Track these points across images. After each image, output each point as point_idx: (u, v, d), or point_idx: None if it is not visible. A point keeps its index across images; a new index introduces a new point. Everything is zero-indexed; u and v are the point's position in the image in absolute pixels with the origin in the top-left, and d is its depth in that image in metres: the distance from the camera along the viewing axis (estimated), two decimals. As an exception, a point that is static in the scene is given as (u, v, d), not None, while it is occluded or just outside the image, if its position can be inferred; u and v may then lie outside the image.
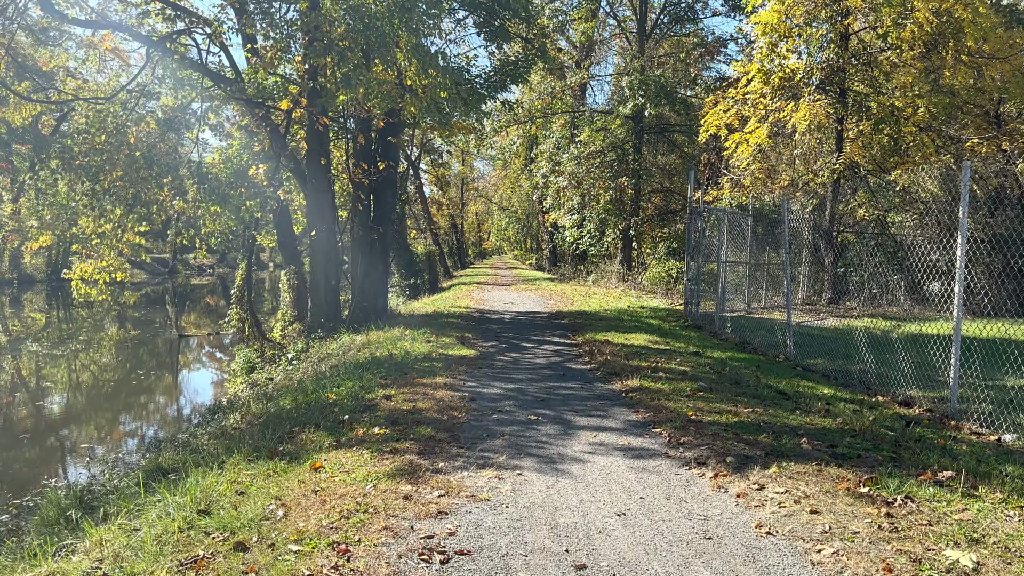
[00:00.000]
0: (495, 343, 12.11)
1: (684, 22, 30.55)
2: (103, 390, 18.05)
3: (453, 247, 67.08)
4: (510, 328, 14.47)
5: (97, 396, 17.25)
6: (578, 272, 37.30)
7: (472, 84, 16.29)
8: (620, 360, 10.00)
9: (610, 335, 12.85)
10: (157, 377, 19.49)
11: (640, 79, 25.97)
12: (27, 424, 13.85)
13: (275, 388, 11.13)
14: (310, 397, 7.92)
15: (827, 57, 20.02)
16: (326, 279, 15.39)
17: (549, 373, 9.23)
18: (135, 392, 17.45)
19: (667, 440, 5.96)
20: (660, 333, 13.48)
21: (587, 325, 14.64)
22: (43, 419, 14.39)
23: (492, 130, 30.01)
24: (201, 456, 6.80)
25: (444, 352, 10.70)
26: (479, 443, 5.86)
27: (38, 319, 35.87)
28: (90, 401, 16.81)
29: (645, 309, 18.90)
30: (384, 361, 10.09)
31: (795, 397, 7.97)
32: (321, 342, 14.43)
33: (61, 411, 15.53)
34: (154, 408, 16.31)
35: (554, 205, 34.22)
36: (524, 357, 10.63)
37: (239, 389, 14.71)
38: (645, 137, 30.02)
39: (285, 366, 14.46)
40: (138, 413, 15.60)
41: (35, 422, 14.10)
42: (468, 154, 69.11)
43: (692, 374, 9.01)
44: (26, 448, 11.80)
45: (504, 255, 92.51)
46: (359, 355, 11.31)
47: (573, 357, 10.69)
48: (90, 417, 15.43)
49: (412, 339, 12.37)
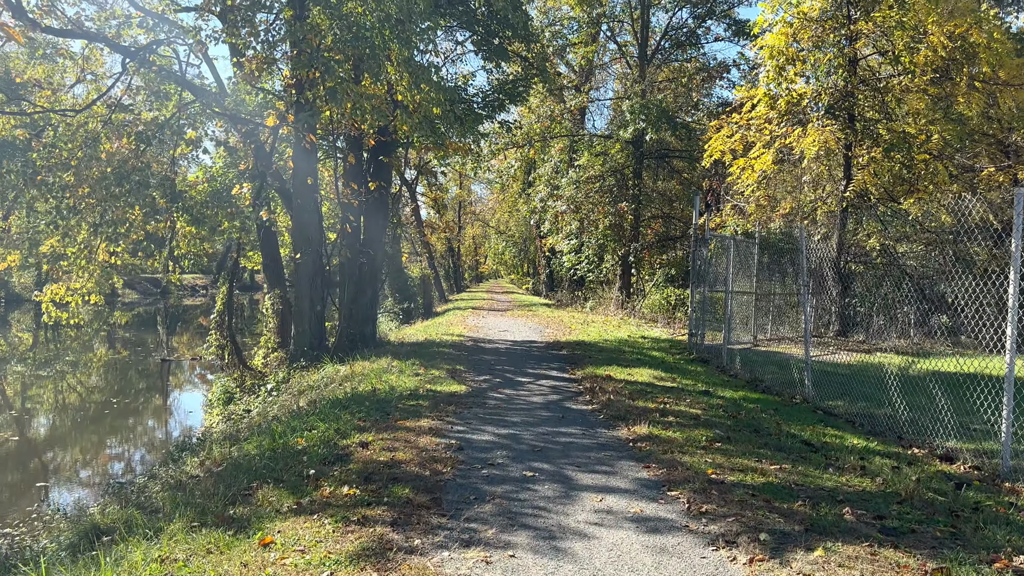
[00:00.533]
0: (488, 377, 11.23)
1: (686, 47, 30.12)
2: (76, 419, 17.07)
3: (449, 270, 66.36)
4: (505, 359, 13.59)
5: (69, 425, 16.27)
6: (575, 298, 36.48)
7: (469, 104, 15.60)
8: (624, 400, 9.13)
9: (612, 369, 11.98)
10: (134, 405, 18.51)
11: (641, 103, 25.40)
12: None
13: (246, 426, 10.22)
14: (277, 442, 7.03)
15: (834, 82, 19.43)
16: (311, 304, 14.53)
17: (547, 415, 8.35)
18: (109, 423, 16.47)
19: (686, 507, 5.08)
20: (665, 368, 12.61)
21: (587, 357, 13.78)
22: (6, 449, 13.42)
23: (490, 152, 29.33)
24: (146, 512, 5.92)
25: (432, 388, 9.82)
26: (465, 509, 4.98)
27: (25, 339, 34.93)
28: (61, 430, 15.83)
29: (647, 339, 18.05)
30: (366, 398, 9.20)
31: (823, 449, 7.10)
32: (303, 372, 13.54)
33: (29, 440, 14.56)
34: (125, 441, 15.33)
35: (552, 230, 33.52)
36: (519, 395, 9.75)
37: (214, 421, 13.79)
38: (645, 162, 29.42)
39: (264, 397, 13.55)
40: (106, 447, 14.62)
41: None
42: (466, 177, 68.81)
43: (705, 419, 8.14)
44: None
45: (501, 279, 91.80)
46: (340, 389, 10.42)
47: (573, 395, 9.81)
48: (57, 449, 14.45)
49: (399, 371, 11.48)
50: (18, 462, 12.95)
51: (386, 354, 13.82)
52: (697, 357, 14.48)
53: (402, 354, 13.76)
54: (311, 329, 14.57)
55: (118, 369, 25.35)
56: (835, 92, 19.12)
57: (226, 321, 15.40)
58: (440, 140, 15.57)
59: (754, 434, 7.58)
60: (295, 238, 14.28)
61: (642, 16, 29.11)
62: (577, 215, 29.00)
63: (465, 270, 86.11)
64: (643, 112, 25.03)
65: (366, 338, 15.83)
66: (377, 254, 16.15)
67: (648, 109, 24.97)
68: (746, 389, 10.96)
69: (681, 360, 14.11)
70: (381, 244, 16.12)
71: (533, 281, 58.68)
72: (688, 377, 11.64)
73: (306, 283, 14.45)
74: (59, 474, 12.56)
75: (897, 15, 16.65)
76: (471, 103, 15.35)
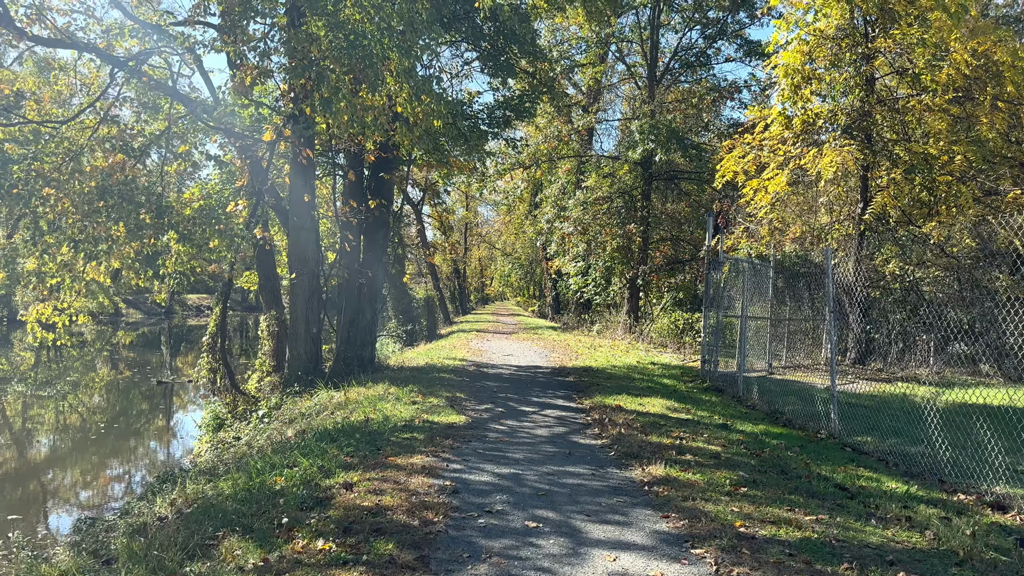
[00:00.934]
0: (490, 406, 10.54)
1: (696, 68, 29.69)
2: (64, 444, 16.44)
3: (455, 292, 65.79)
4: (508, 386, 12.90)
5: (56, 451, 15.62)
6: (582, 321, 35.78)
7: (474, 120, 15.08)
8: (636, 434, 8.42)
9: (621, 399, 11.27)
10: (126, 430, 17.84)
11: (651, 123, 24.90)
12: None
13: (231, 457, 9.55)
14: (254, 481, 6.35)
15: (851, 102, 18.86)
16: (306, 326, 13.90)
17: (552, 451, 7.65)
18: (97, 449, 15.82)
19: (714, 570, 4.37)
20: (678, 397, 11.89)
21: (594, 385, 13.07)
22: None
23: (496, 172, 28.83)
24: (100, 560, 5.27)
25: (429, 418, 9.13)
26: (457, 570, 4.28)
27: (27, 358, 34.47)
28: (47, 457, 15.18)
29: (656, 366, 17.32)
30: (357, 429, 8.52)
31: (860, 495, 6.38)
32: (296, 398, 12.88)
33: (12, 467, 13.93)
34: (111, 470, 14.65)
35: (558, 252, 32.91)
36: (522, 426, 9.05)
37: (203, 449, 13.11)
38: (654, 183, 28.86)
39: (255, 424, 12.88)
40: (90, 476, 13.94)
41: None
42: (472, 199, 68.54)
43: (726, 458, 7.42)
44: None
45: (507, 301, 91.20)
46: (331, 419, 9.74)
47: (580, 427, 9.10)
48: (39, 478, 13.78)
49: (395, 399, 10.81)
50: (9, 485, 12.33)
51: (384, 379, 13.16)
52: (711, 386, 13.76)
53: (401, 380, 13.09)
54: (306, 353, 13.93)
55: (114, 391, 24.76)
56: (852, 112, 18.55)
57: (218, 343, 14.77)
58: (443, 157, 15.04)
59: (782, 476, 6.86)
60: (291, 257, 13.70)
61: (651, 37, 28.74)
62: (584, 237, 28.39)
63: (471, 292, 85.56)
64: (652, 132, 24.51)
65: (364, 362, 15.18)
66: (377, 274, 15.54)
67: (658, 129, 24.46)
68: (766, 422, 10.22)
69: (694, 389, 13.38)
70: (381, 264, 15.52)
71: (539, 304, 58.06)
72: (703, 408, 10.92)
73: (301, 304, 13.84)
74: (36, 505, 11.88)
75: (918, 32, 16.11)
76: (476, 119, 14.82)
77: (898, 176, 17.07)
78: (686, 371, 16.28)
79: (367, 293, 15.29)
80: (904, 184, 17.39)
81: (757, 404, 11.86)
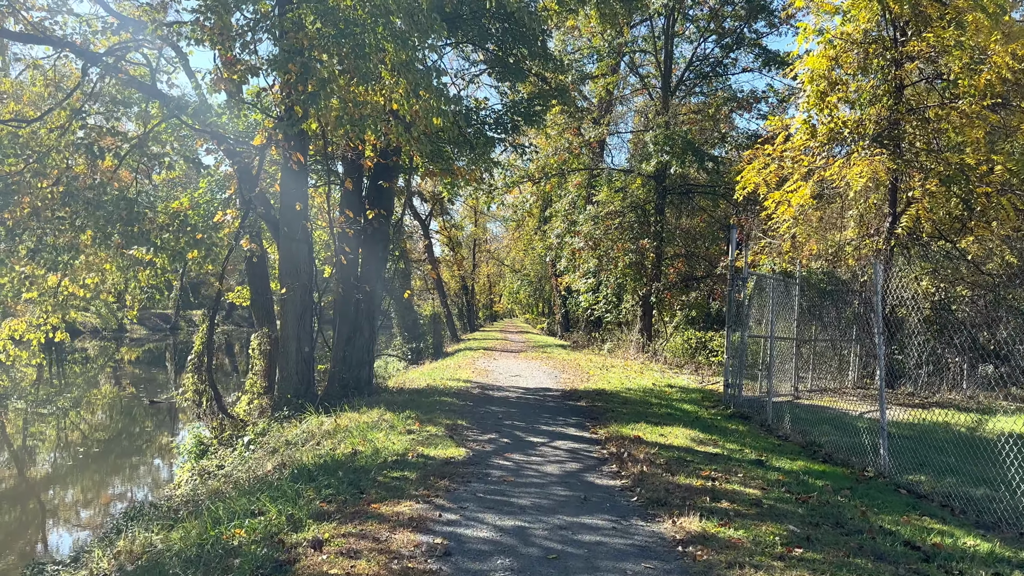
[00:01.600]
0: (494, 436, 9.47)
1: (711, 79, 28.76)
2: (51, 465, 15.49)
3: (463, 309, 64.80)
4: (515, 412, 11.82)
5: (33, 479, 14.63)
6: (592, 339, 34.65)
7: (480, 125, 14.14)
8: (661, 473, 7.32)
9: (640, 428, 10.18)
10: (113, 453, 16.89)
11: (665, 134, 23.92)
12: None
13: (206, 492, 8.52)
14: (208, 534, 5.31)
15: (878, 111, 17.83)
16: (298, 345, 12.89)
17: (564, 495, 6.56)
18: (75, 477, 14.87)
19: None
20: (701, 426, 10.78)
21: (609, 411, 11.97)
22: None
23: (504, 185, 27.89)
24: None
25: (424, 452, 8.07)
26: None
27: (29, 374, 33.72)
28: (22, 485, 14.19)
29: (674, 389, 16.21)
30: (342, 464, 7.47)
31: (937, 557, 5.26)
32: (285, 423, 11.84)
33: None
34: (88, 496, 13.64)
35: (568, 268, 31.87)
36: (530, 462, 7.97)
37: (184, 478, 12.08)
38: (668, 198, 27.83)
39: (241, 451, 11.84)
40: (60, 508, 12.92)
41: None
42: (481, 214, 67.74)
43: (769, 505, 6.32)
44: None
45: (515, 318, 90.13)
46: (316, 451, 8.70)
47: (596, 463, 8.01)
48: (9, 507, 12.79)
49: (390, 427, 9.76)
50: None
51: (380, 403, 12.12)
52: (736, 412, 12.63)
53: (398, 404, 12.04)
54: (298, 374, 12.90)
55: (111, 410, 23.84)
56: (880, 121, 17.51)
57: (204, 363, 13.79)
58: (447, 165, 14.09)
59: (838, 530, 5.75)
60: (282, 270, 12.73)
61: (666, 47, 27.87)
62: (595, 252, 27.33)
63: (479, 309, 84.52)
64: (667, 144, 23.53)
65: (361, 383, 14.15)
66: (376, 289, 14.56)
67: (673, 140, 23.48)
68: (804, 457, 9.10)
69: (718, 416, 12.26)
70: (380, 278, 14.54)
71: (548, 321, 56.96)
72: (732, 439, 9.80)
73: (293, 321, 12.84)
74: (7, 531, 10.87)
75: (954, 35, 15.09)
76: (482, 124, 13.88)
77: (933, 187, 15.98)
78: (706, 395, 15.15)
79: (365, 309, 14.29)
80: (940, 196, 16.30)
81: (789, 434, 10.73)
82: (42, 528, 11.74)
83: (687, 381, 18.32)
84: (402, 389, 14.65)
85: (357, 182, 14.10)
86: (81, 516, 12.39)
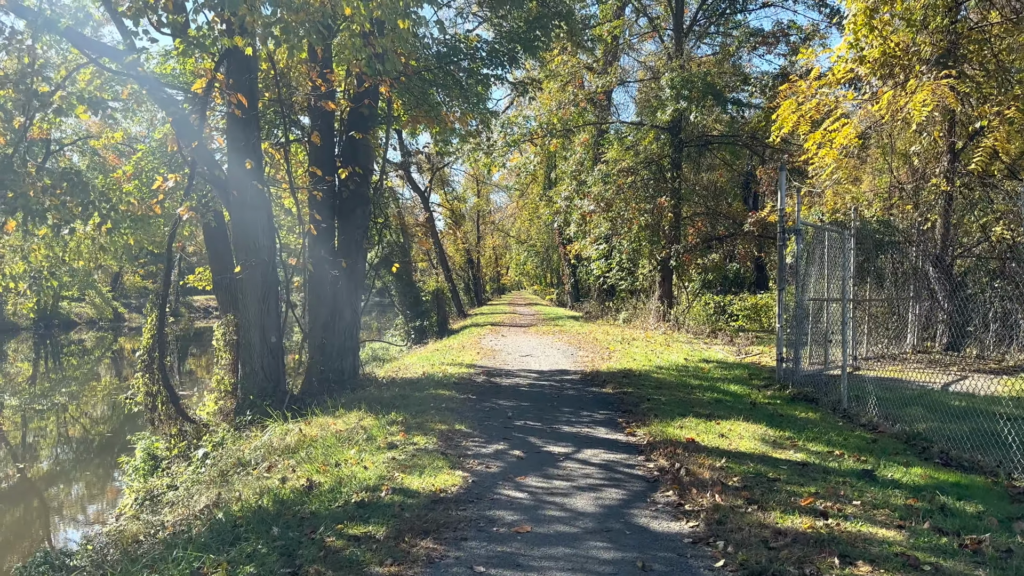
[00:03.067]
0: (501, 447, 7.22)
1: (729, 16, 26.02)
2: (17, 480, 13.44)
3: (469, 283, 62.61)
4: (528, 407, 9.56)
5: None
6: (606, 309, 32.37)
7: (472, 61, 11.70)
8: (744, 507, 5.05)
9: (690, 425, 7.91)
10: (75, 463, 14.87)
11: (683, 76, 21.32)
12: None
13: (104, 555, 6.35)
14: None
15: (933, 31, 15.21)
16: (262, 335, 10.65)
17: (610, 558, 4.30)
18: (32, 489, 12.82)
19: None
20: (766, 418, 8.50)
21: (644, 400, 9.70)
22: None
23: (504, 145, 25.38)
24: None
25: (405, 484, 5.81)
26: None
27: (24, 369, 31.91)
28: None
29: (711, 364, 13.91)
30: (287, 508, 5.25)
31: None
32: (245, 431, 9.66)
33: None
34: (26, 521, 11.55)
35: (578, 234, 29.45)
36: (553, 491, 5.72)
37: (128, 502, 9.93)
38: (685, 151, 25.27)
39: (196, 467, 9.65)
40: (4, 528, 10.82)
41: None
42: (483, 184, 65.20)
43: (930, 567, 4.04)
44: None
45: (523, 290, 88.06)
46: (262, 482, 6.46)
47: (644, 489, 5.75)
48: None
49: (367, 439, 7.53)
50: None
51: (363, 402, 9.89)
52: (797, 393, 10.32)
53: (384, 402, 9.81)
54: (264, 369, 10.68)
55: (91, 409, 21.77)
56: (939, 41, 14.93)
57: (156, 360, 11.59)
58: (434, 111, 11.68)
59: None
60: (237, 245, 10.47)
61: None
62: (607, 215, 24.86)
63: (486, 282, 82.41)
64: (685, 87, 20.94)
65: (344, 376, 11.92)
66: (357, 264, 12.26)
67: (691, 83, 20.88)
68: (915, 458, 6.81)
69: (778, 400, 9.97)
70: (361, 251, 12.24)
71: (557, 292, 54.71)
72: (811, 435, 7.51)
73: (254, 306, 10.58)
74: None
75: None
76: (475, 58, 11.43)
77: (1013, 113, 13.46)
78: (752, 371, 12.86)
79: (344, 288, 12.01)
80: (1019, 123, 13.78)
81: (878, 423, 8.43)
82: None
83: (722, 353, 16.03)
84: (393, 380, 12.41)
85: (327, 136, 11.72)
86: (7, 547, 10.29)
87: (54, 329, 51.17)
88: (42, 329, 50.25)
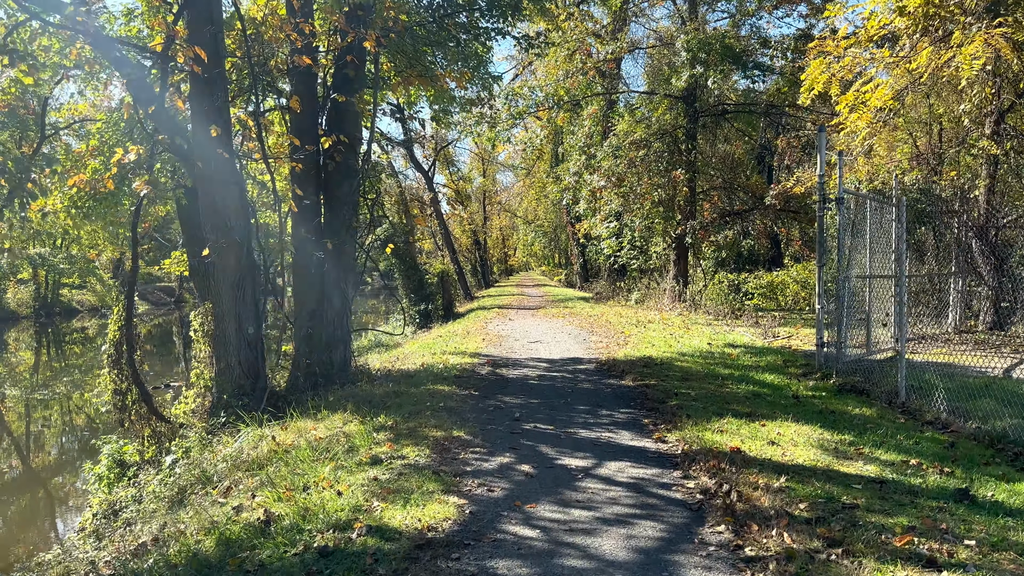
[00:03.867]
0: (507, 460, 6.02)
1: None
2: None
3: (476, 265, 61.35)
4: (537, 405, 8.36)
5: None
6: (617, 290, 31.11)
7: (471, 12, 10.37)
8: (824, 552, 3.84)
9: (731, 428, 6.69)
10: (56, 464, 13.86)
11: (699, 38, 19.85)
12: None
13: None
14: None
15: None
16: (238, 325, 9.49)
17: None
18: (17, 489, 11.78)
19: None
20: (817, 416, 7.27)
21: (670, 395, 8.47)
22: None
23: (509, 117, 24.00)
24: None
25: (383, 520, 4.62)
26: None
27: (26, 358, 31.07)
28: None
29: (738, 349, 12.66)
30: (236, 551, 4.08)
31: None
32: (218, 435, 8.52)
33: None
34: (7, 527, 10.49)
35: (587, 212, 28.09)
36: (573, 527, 4.52)
37: (87, 518, 8.83)
38: (701, 121, 23.82)
39: (165, 475, 8.51)
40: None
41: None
42: (489, 164, 63.75)
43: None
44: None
45: (531, 271, 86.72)
46: (216, 510, 5.29)
47: (688, 522, 4.54)
48: None
49: (348, 450, 6.35)
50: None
51: (351, 401, 8.73)
52: (843, 383, 9.08)
53: (374, 401, 8.63)
54: (241, 363, 9.52)
55: (79, 408, 20.77)
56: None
57: (125, 355, 10.45)
58: (427, 71, 10.38)
59: None
60: (205, 224, 9.25)
61: (690, -61, 23.50)
62: (619, 190, 23.49)
63: (493, 264, 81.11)
64: (702, 50, 19.48)
65: (333, 370, 10.75)
66: (346, 245, 11.04)
67: (709, 45, 19.42)
68: (1012, 469, 5.57)
69: (823, 392, 8.72)
70: (351, 228, 11.02)
71: (566, 272, 53.42)
72: (878, 440, 6.28)
73: (227, 293, 9.40)
74: None
75: None
76: (473, 9, 10.10)
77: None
78: (786, 357, 11.60)
79: (332, 272, 10.80)
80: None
81: (948, 420, 7.19)
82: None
83: (747, 337, 14.77)
84: (389, 373, 11.24)
85: (309, 101, 10.44)
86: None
87: (55, 317, 50.39)
88: (43, 317, 49.47)
